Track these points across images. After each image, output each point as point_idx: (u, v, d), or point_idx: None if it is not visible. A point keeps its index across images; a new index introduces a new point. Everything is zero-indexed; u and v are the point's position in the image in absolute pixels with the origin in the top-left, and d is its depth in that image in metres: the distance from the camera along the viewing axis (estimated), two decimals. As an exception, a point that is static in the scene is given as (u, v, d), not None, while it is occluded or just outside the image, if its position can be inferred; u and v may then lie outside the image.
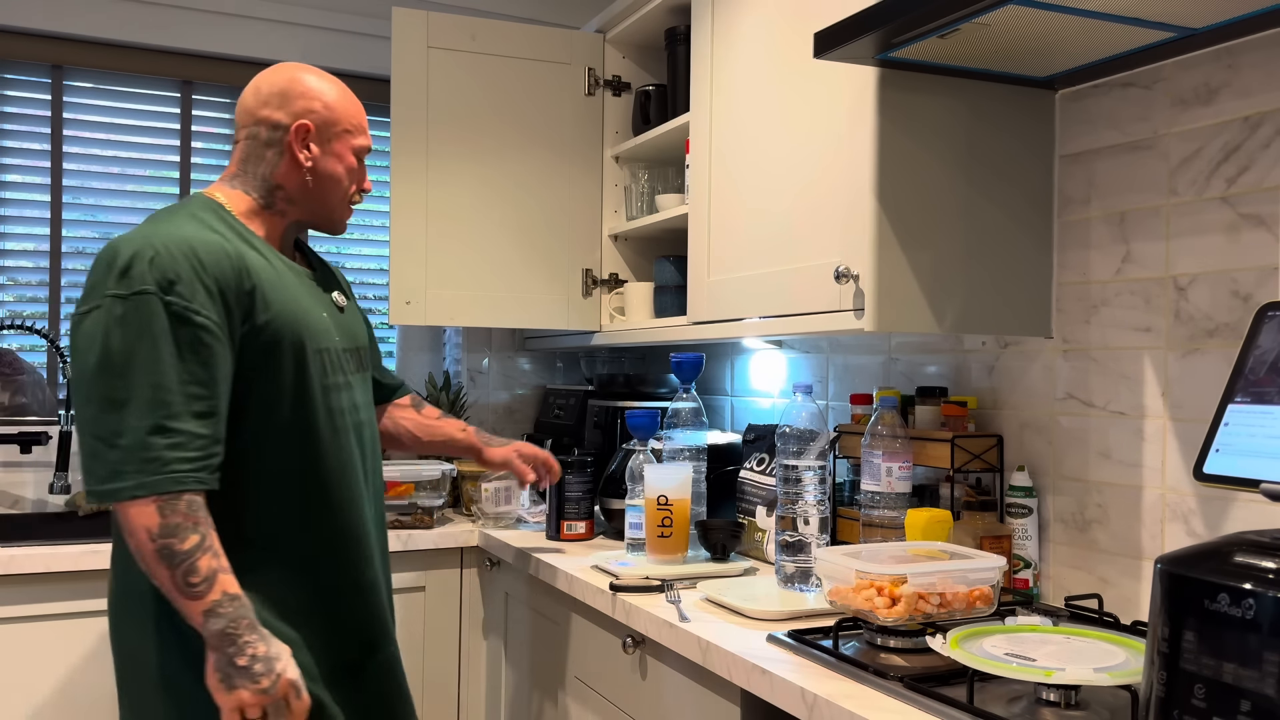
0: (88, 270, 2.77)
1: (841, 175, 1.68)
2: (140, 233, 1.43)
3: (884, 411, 1.79)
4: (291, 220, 1.62)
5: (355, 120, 1.63)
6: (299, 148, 1.58)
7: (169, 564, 1.34)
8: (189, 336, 1.38)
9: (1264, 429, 1.13)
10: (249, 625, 1.37)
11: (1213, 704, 0.89)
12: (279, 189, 1.59)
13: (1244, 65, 1.46)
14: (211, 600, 1.35)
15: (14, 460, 2.63)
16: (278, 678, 1.37)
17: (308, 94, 1.59)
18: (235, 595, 1.37)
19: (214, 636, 1.35)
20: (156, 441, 1.33)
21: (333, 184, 1.62)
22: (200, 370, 1.38)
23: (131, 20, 2.76)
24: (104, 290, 1.38)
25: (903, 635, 1.40)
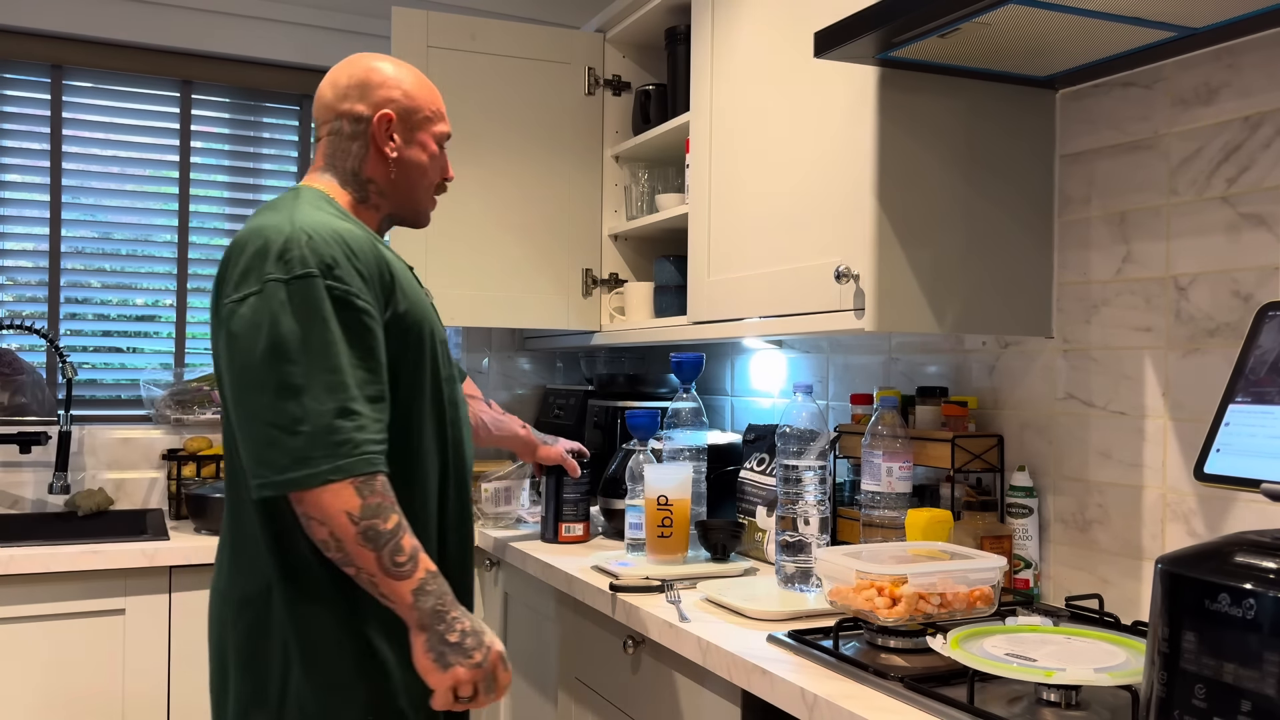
0: (79, 270, 2.77)
1: (842, 175, 1.68)
2: (279, 219, 1.38)
3: (884, 411, 1.79)
4: (384, 214, 1.60)
5: (435, 106, 1.60)
6: (383, 139, 1.54)
7: (374, 545, 1.29)
8: (353, 320, 1.35)
9: (1265, 429, 1.13)
10: (453, 600, 1.35)
11: (1213, 704, 0.89)
12: (370, 182, 1.56)
13: (1244, 65, 1.46)
14: (419, 579, 1.31)
15: (13, 460, 2.63)
16: (488, 650, 1.36)
17: (387, 83, 1.55)
18: (436, 572, 1.34)
19: (425, 615, 1.32)
20: (343, 424, 1.29)
21: (418, 174, 1.59)
22: (366, 354, 1.35)
23: (131, 20, 2.76)
24: (262, 275, 1.33)
25: (903, 635, 1.39)
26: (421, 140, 1.58)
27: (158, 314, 2.89)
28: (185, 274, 2.89)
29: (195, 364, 2.90)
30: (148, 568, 2.24)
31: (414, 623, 1.33)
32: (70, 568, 2.14)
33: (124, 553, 2.20)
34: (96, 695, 2.20)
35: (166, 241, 2.88)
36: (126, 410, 2.82)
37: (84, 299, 2.81)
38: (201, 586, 2.28)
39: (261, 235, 1.36)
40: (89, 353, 2.82)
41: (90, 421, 2.72)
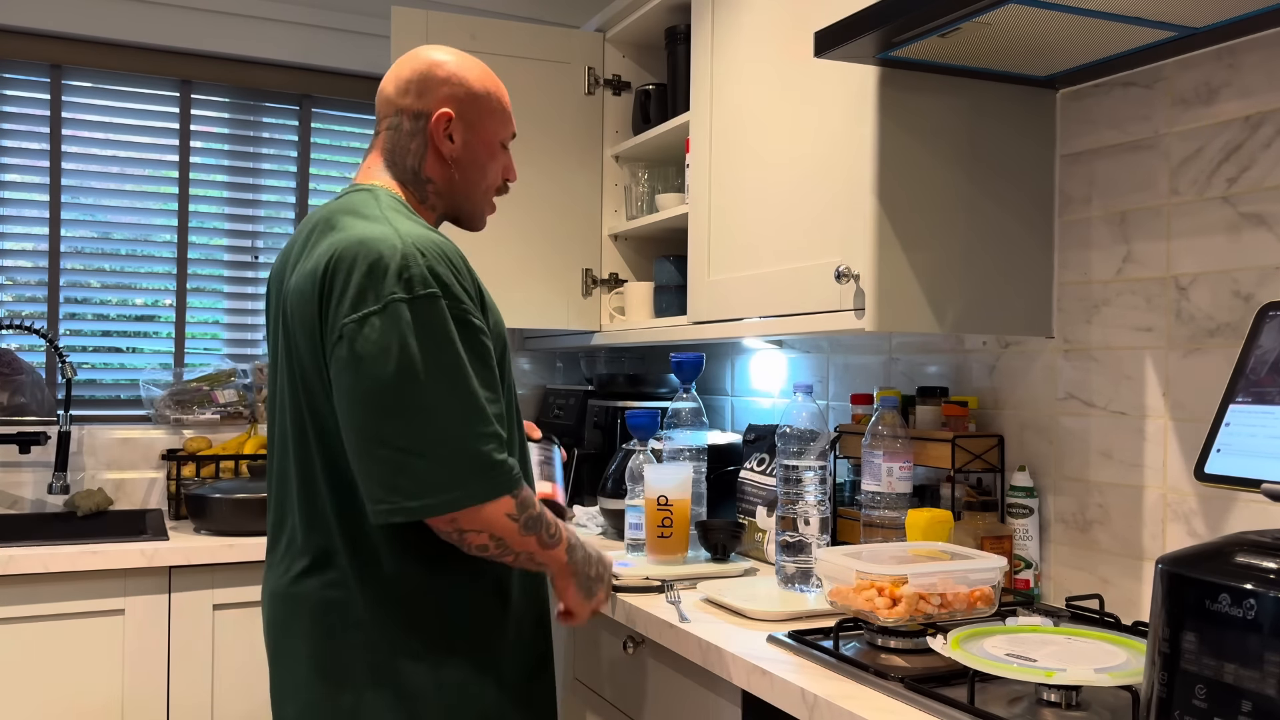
0: (79, 270, 2.77)
1: (842, 174, 1.68)
2: (382, 231, 1.33)
3: (884, 411, 1.79)
4: (440, 214, 1.55)
5: (499, 104, 1.53)
6: (441, 138, 1.48)
7: (535, 530, 1.36)
8: (473, 340, 1.33)
9: (1265, 429, 1.13)
10: (579, 540, 1.48)
11: (1213, 704, 0.89)
12: (429, 182, 1.51)
13: (1245, 65, 1.46)
14: (566, 538, 1.43)
15: (13, 460, 2.63)
16: (609, 567, 1.54)
17: (449, 80, 1.49)
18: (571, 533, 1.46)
19: (579, 565, 1.46)
20: (485, 447, 1.29)
21: (478, 175, 1.53)
22: (488, 373, 1.34)
23: (131, 20, 2.76)
24: (382, 293, 1.28)
25: (903, 636, 1.39)
26: (484, 139, 1.52)
27: (157, 314, 2.89)
28: (185, 274, 2.89)
29: (195, 364, 2.90)
30: (147, 568, 2.23)
31: (568, 574, 1.45)
32: (70, 568, 2.14)
33: (123, 553, 2.20)
34: (96, 695, 2.20)
35: (166, 241, 2.88)
36: (126, 410, 2.82)
37: (84, 299, 2.81)
38: (201, 587, 2.28)
39: (372, 249, 1.30)
40: (88, 353, 2.81)
41: (90, 421, 2.72)
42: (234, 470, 2.69)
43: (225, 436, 2.84)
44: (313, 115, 3.01)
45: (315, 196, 3.03)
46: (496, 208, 1.61)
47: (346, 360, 1.28)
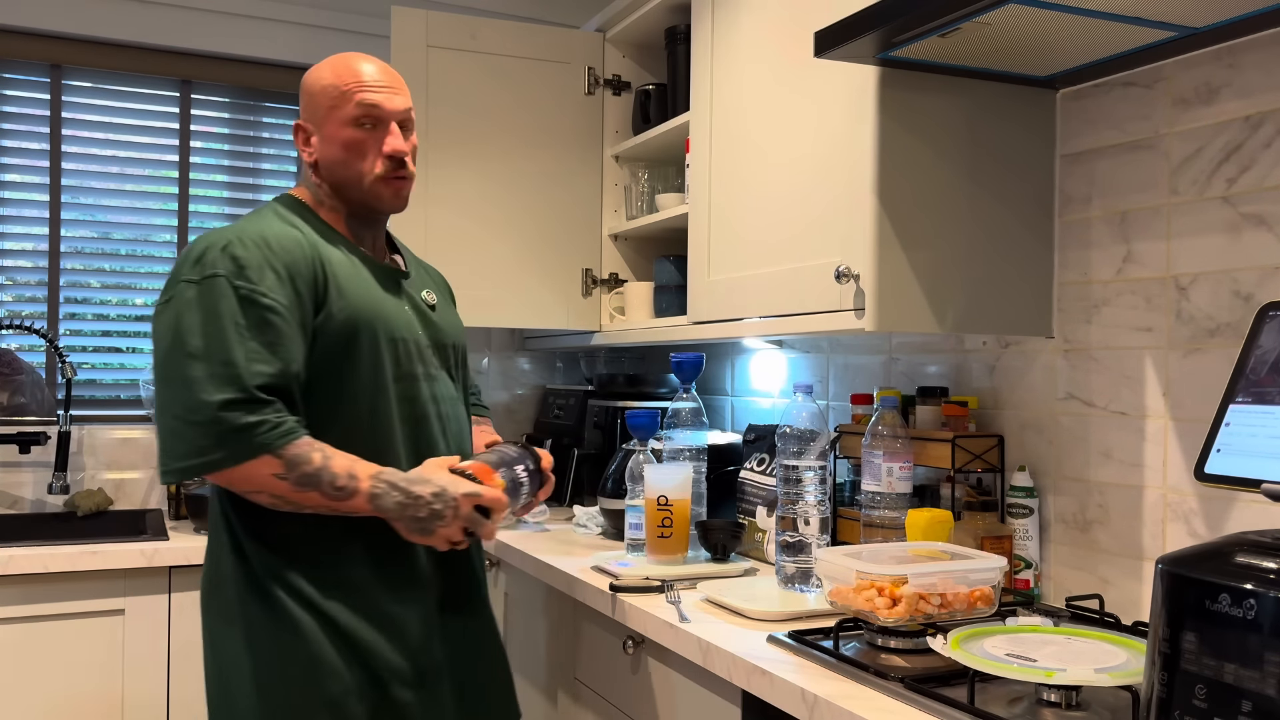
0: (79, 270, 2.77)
1: (842, 175, 1.68)
2: (222, 229, 1.49)
3: (884, 411, 1.79)
4: (345, 214, 1.61)
5: (337, 90, 1.55)
6: (301, 148, 1.61)
7: (313, 486, 1.40)
8: (256, 316, 1.41)
9: (1265, 429, 1.13)
10: (404, 480, 1.44)
11: (1214, 704, 0.89)
12: (320, 186, 1.61)
13: (1245, 64, 1.46)
14: (367, 488, 1.42)
15: (13, 460, 2.63)
16: (455, 502, 1.44)
17: (306, 88, 1.59)
18: (376, 471, 1.43)
19: (391, 511, 1.43)
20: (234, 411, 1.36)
21: (342, 167, 1.57)
22: (264, 346, 1.41)
23: (131, 20, 2.76)
24: (179, 279, 1.44)
25: (903, 636, 1.39)
26: (329, 134, 1.56)
27: (157, 314, 2.89)
28: (185, 274, 2.89)
29: (195, 364, 2.90)
30: (147, 568, 2.23)
31: (389, 520, 1.44)
32: (70, 568, 2.14)
33: (123, 553, 2.20)
34: (96, 695, 2.20)
35: (166, 241, 2.88)
36: (126, 410, 2.82)
37: (83, 299, 2.81)
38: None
39: (193, 244, 1.48)
40: (88, 353, 2.81)
41: (90, 422, 2.72)
42: (234, 470, 2.69)
43: (225, 436, 2.84)
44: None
45: (315, 196, 3.03)
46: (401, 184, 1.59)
47: (153, 340, 1.46)
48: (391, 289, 1.61)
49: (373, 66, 1.57)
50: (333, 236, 1.57)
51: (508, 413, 3.12)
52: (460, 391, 1.71)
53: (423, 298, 1.68)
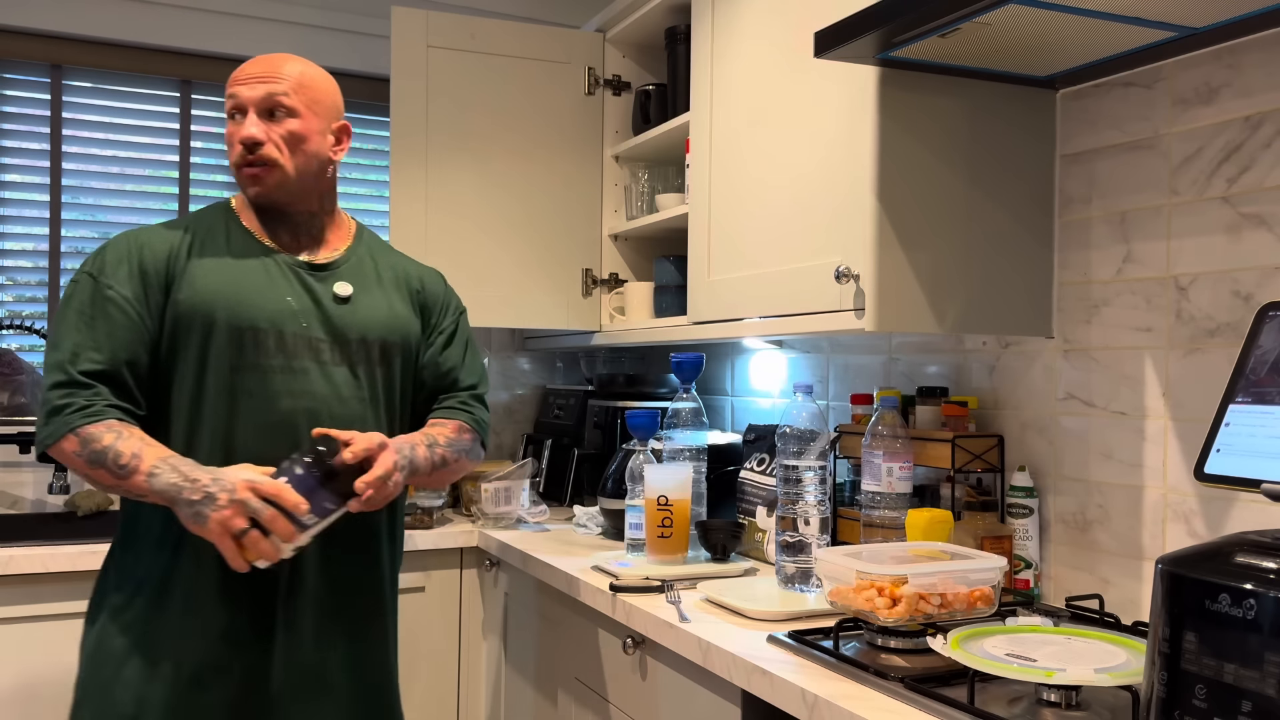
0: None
1: (842, 174, 1.68)
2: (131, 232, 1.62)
3: (884, 411, 1.79)
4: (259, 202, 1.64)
5: (230, 87, 1.59)
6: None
7: (100, 464, 1.44)
8: (101, 310, 1.52)
9: (1265, 429, 1.13)
10: (190, 466, 1.45)
11: (1214, 704, 0.89)
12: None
13: (1245, 65, 1.46)
14: (147, 466, 1.44)
15: (13, 460, 2.63)
16: (231, 490, 1.40)
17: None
18: (165, 457, 1.45)
19: (166, 491, 1.43)
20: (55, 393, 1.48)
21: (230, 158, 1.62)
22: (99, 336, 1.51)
23: (131, 20, 2.76)
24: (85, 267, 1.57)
25: (903, 636, 1.39)
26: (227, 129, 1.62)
27: (157, 314, 2.89)
28: (185, 274, 2.89)
29: (195, 364, 2.90)
30: (147, 568, 2.23)
31: (166, 502, 1.44)
32: (70, 568, 2.14)
33: (124, 553, 2.19)
34: (96, 695, 2.19)
35: (166, 241, 2.88)
36: (126, 410, 2.82)
37: (84, 299, 2.80)
38: (201, 586, 2.28)
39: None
40: (89, 353, 2.81)
41: (90, 421, 2.72)
42: (234, 470, 2.69)
43: (225, 436, 2.84)
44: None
45: (315, 196, 3.02)
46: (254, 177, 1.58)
47: None
48: (271, 277, 1.60)
49: (254, 61, 1.60)
50: (235, 229, 1.63)
51: (508, 413, 3.12)
52: (368, 389, 1.64)
53: (334, 291, 1.63)
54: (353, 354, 1.63)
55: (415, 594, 2.42)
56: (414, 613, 2.42)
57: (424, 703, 2.44)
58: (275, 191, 1.59)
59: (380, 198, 3.05)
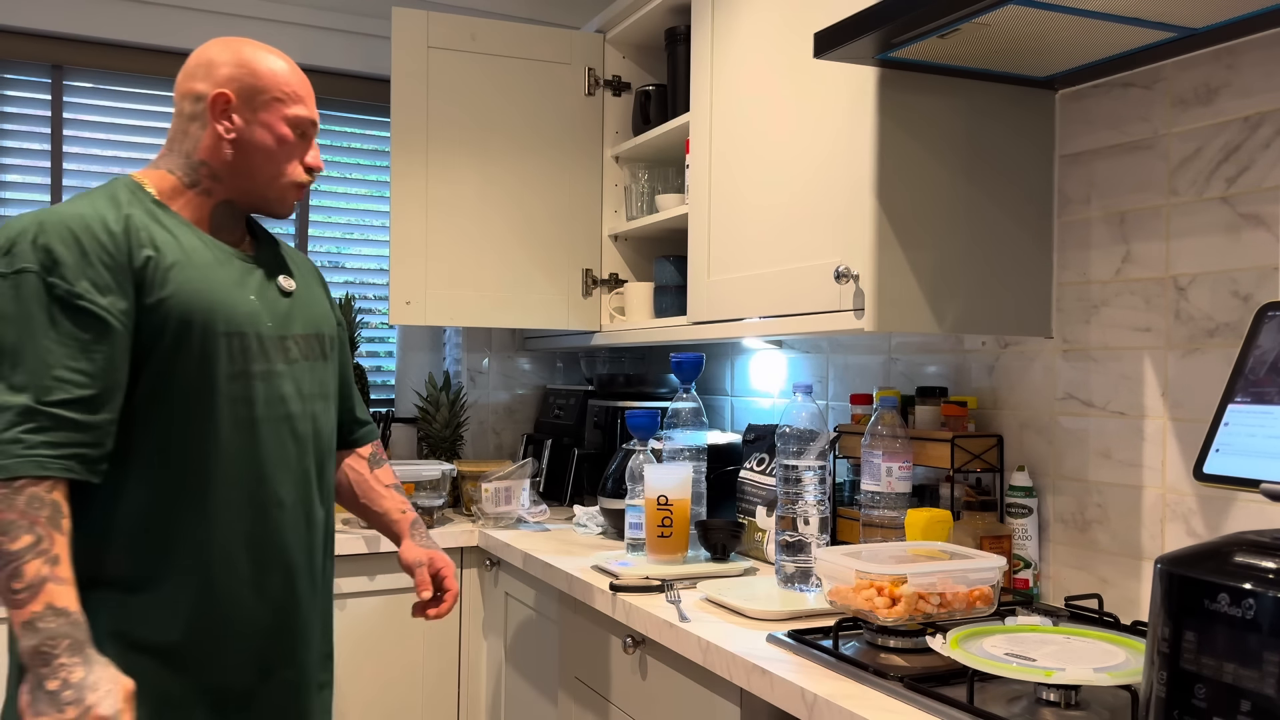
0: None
1: (841, 175, 1.68)
2: (32, 213, 1.35)
3: (884, 411, 1.79)
4: (220, 200, 1.49)
5: (287, 88, 1.48)
6: (219, 118, 1.45)
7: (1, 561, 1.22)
8: (71, 319, 1.30)
9: (1264, 429, 1.13)
10: (70, 646, 1.22)
11: (1213, 704, 0.89)
12: (203, 165, 1.47)
13: (1244, 65, 1.46)
14: (31, 612, 1.21)
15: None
16: (86, 710, 1.20)
17: (231, 61, 1.46)
18: (63, 610, 1.22)
19: (28, 653, 1.21)
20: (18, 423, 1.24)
21: (262, 158, 1.47)
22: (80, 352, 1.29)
23: (131, 20, 2.76)
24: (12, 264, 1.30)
25: (903, 635, 1.40)
26: (266, 121, 1.47)
27: (158, 314, 2.89)
28: (185, 274, 2.89)
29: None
30: (148, 568, 2.23)
31: (23, 656, 1.22)
32: (70, 568, 2.14)
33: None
34: (97, 695, 2.19)
35: (166, 241, 2.88)
36: (126, 410, 2.82)
37: (84, 299, 2.81)
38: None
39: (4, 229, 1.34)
40: (89, 353, 2.81)
41: (90, 421, 2.71)
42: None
43: (225, 436, 2.84)
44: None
45: (315, 197, 3.03)
46: (302, 195, 1.54)
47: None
48: (238, 275, 1.47)
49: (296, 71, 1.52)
50: (165, 219, 1.43)
51: (508, 412, 3.13)
52: (326, 387, 1.58)
53: (279, 284, 1.53)
54: (306, 351, 1.54)
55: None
56: (414, 612, 2.42)
57: (425, 703, 2.44)
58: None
59: (380, 198, 3.05)
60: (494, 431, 3.09)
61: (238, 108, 1.46)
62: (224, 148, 1.47)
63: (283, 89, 1.49)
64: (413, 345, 3.08)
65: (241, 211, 1.53)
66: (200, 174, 1.48)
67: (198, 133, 1.47)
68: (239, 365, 1.44)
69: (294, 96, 1.50)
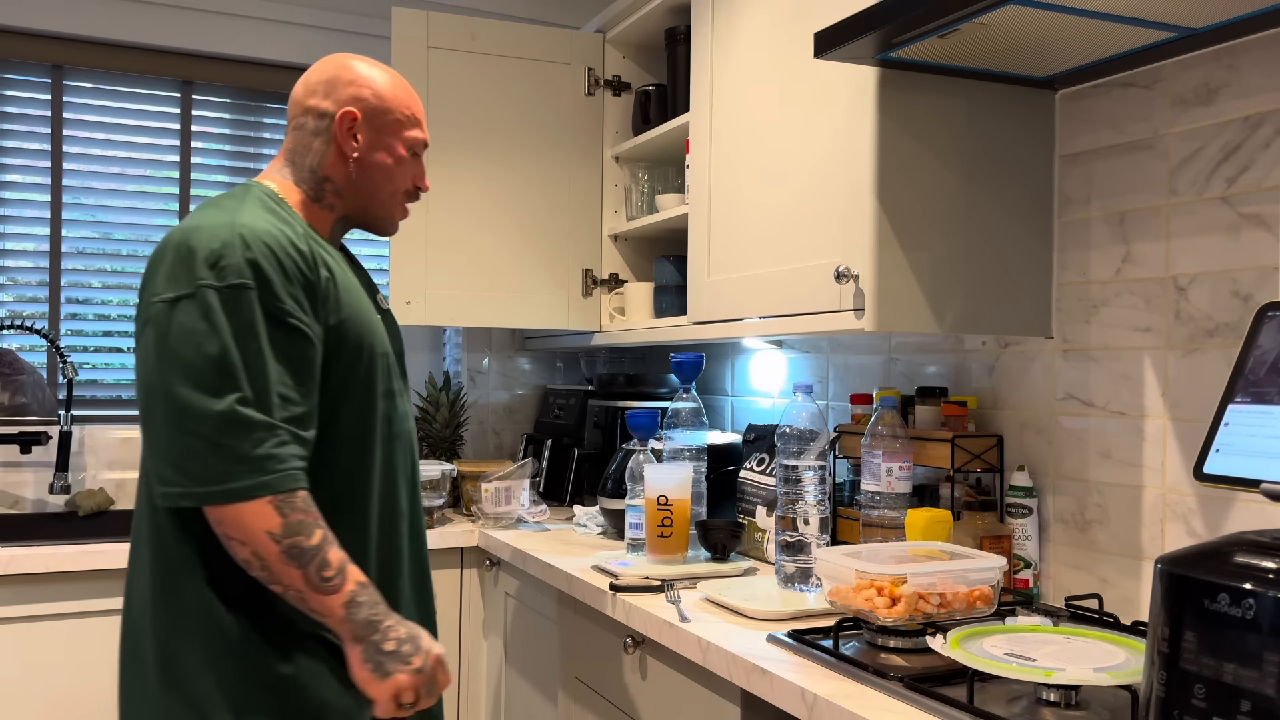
0: (80, 270, 2.77)
1: (841, 175, 1.68)
2: (220, 219, 1.34)
3: (884, 411, 1.79)
4: (339, 216, 1.53)
5: (408, 111, 1.53)
6: (345, 137, 1.48)
7: (299, 563, 1.26)
8: (285, 339, 1.32)
9: (1264, 429, 1.13)
10: (385, 610, 1.33)
11: (1213, 704, 0.89)
12: (327, 181, 1.50)
13: (1244, 65, 1.46)
14: (349, 591, 1.29)
15: (14, 460, 2.63)
16: (428, 654, 1.34)
17: (356, 81, 1.49)
18: (366, 583, 1.31)
19: (359, 626, 1.29)
20: (267, 439, 1.26)
21: (382, 177, 1.51)
22: (296, 373, 1.32)
23: (131, 20, 2.76)
24: (194, 278, 1.29)
25: (903, 635, 1.40)
26: (388, 144, 1.51)
27: (158, 314, 2.89)
28: (185, 274, 2.89)
29: (195, 364, 2.90)
30: (148, 568, 2.23)
31: (348, 635, 1.30)
32: (70, 568, 2.14)
33: (124, 553, 2.20)
34: (96, 695, 2.20)
35: (167, 242, 2.88)
36: (127, 410, 2.82)
37: (84, 299, 2.81)
38: (202, 586, 2.28)
39: (198, 234, 1.32)
40: (89, 353, 2.82)
41: (91, 422, 2.72)
42: (234, 470, 2.69)
43: (226, 436, 2.84)
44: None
45: (315, 197, 3.03)
46: (409, 213, 1.59)
47: (154, 339, 1.29)
48: (368, 296, 1.52)
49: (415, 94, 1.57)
50: (317, 237, 1.47)
51: (508, 412, 3.13)
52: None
53: (378, 301, 1.58)
54: (404, 370, 1.60)
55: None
56: (414, 612, 2.42)
57: (424, 702, 2.44)
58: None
59: (380, 198, 3.05)
60: (494, 431, 3.09)
61: (362, 127, 1.49)
62: (347, 165, 1.49)
63: (404, 111, 1.52)
64: (413, 345, 3.08)
65: (350, 227, 1.58)
66: (325, 189, 1.50)
67: (321, 148, 1.49)
68: (385, 384, 1.48)
69: (413, 119, 1.54)
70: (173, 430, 1.26)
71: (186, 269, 1.30)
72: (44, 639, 2.16)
